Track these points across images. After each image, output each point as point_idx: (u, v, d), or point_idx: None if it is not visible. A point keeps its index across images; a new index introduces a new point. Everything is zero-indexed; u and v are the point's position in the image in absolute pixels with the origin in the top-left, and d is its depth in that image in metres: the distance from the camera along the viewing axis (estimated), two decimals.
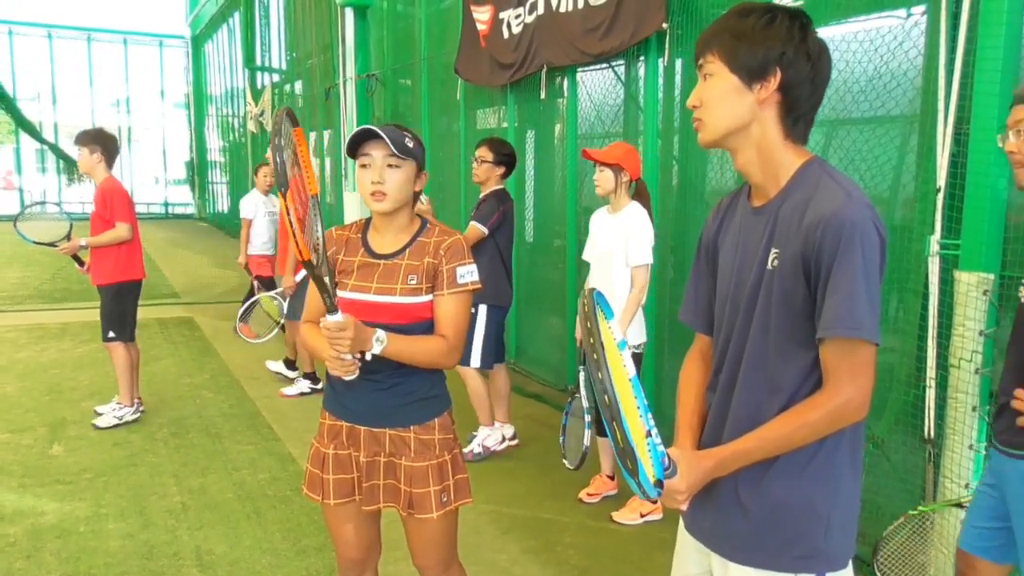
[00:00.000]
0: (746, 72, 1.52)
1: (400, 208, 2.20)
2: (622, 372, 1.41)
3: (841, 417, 1.48)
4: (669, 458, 1.46)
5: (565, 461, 3.97)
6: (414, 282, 2.17)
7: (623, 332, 3.65)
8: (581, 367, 4.08)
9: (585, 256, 4.22)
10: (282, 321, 5.99)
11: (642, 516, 4.00)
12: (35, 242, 5.33)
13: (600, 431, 3.89)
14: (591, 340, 1.35)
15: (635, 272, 3.86)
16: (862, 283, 1.43)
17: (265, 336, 6.07)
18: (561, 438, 4.10)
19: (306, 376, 6.20)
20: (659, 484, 1.40)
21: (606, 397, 1.33)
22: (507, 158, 4.81)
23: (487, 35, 6.72)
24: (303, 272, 5.78)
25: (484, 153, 4.78)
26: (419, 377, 2.24)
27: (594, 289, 1.46)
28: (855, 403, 1.47)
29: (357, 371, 2.08)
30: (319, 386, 6.37)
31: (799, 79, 1.52)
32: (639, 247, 3.84)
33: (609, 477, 4.27)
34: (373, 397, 2.21)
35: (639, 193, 4.02)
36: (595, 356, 1.34)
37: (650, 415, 1.42)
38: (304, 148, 1.90)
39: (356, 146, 2.16)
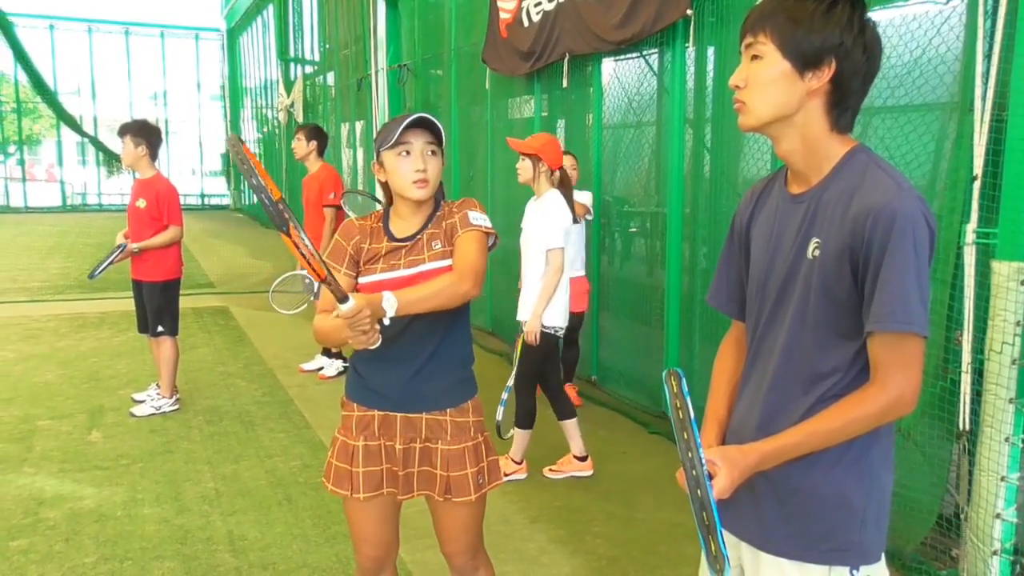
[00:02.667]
0: (800, 59, 1.47)
1: (434, 194, 2.24)
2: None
3: (892, 411, 1.46)
4: (711, 464, 1.46)
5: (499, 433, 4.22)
6: (439, 246, 2.19)
7: (540, 316, 4.06)
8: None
9: (520, 242, 4.37)
10: (313, 299, 6.11)
11: (506, 475, 4.21)
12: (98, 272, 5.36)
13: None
14: (680, 417, 1.36)
15: (549, 255, 4.10)
16: (913, 277, 1.40)
17: (294, 311, 6.31)
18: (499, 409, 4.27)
19: (328, 354, 6.41)
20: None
21: (694, 472, 1.34)
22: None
23: (510, 24, 6.71)
24: None
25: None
26: (452, 358, 2.25)
27: (679, 370, 1.45)
28: (907, 396, 1.44)
29: (379, 337, 2.00)
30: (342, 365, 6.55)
31: (853, 71, 1.47)
32: (552, 232, 4.08)
33: (576, 457, 4.42)
34: (409, 383, 2.21)
35: (562, 182, 4.29)
36: (685, 436, 1.34)
37: (704, 459, 1.42)
38: (254, 158, 1.84)
39: (396, 135, 2.15)
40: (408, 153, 2.15)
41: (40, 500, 4.00)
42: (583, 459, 4.40)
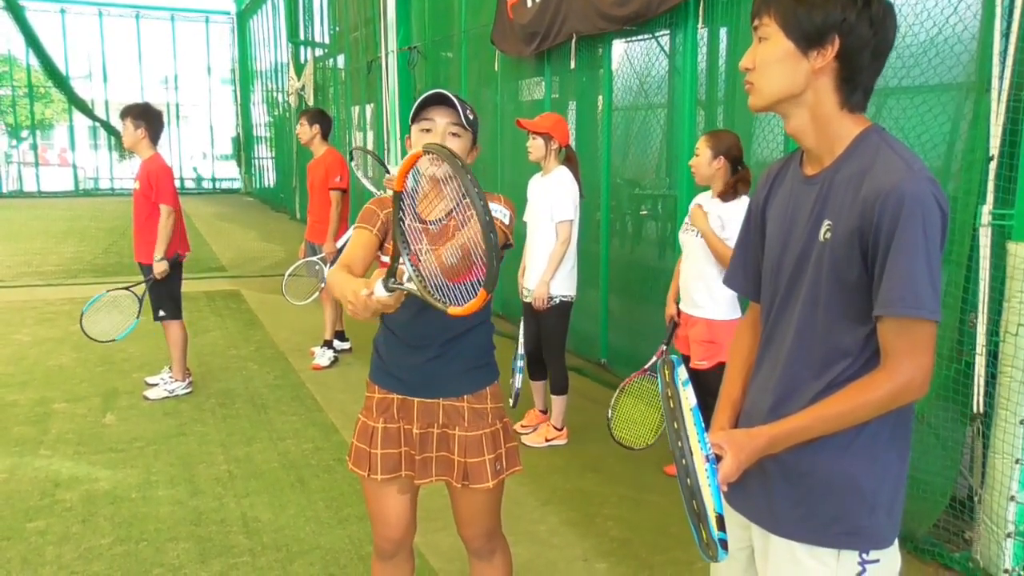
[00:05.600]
0: (803, 38, 1.45)
1: None
2: (695, 435, 1.39)
3: (902, 395, 1.44)
4: (717, 448, 1.46)
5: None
6: None
7: (547, 283, 4.30)
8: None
9: (525, 218, 4.54)
10: (323, 285, 6.12)
11: (547, 440, 4.59)
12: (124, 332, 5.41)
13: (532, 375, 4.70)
14: (671, 406, 1.36)
15: (559, 227, 4.34)
16: (923, 260, 1.38)
17: (305, 300, 6.28)
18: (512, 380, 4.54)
19: (326, 344, 6.38)
20: (722, 525, 1.37)
21: (684, 462, 1.33)
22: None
23: (515, 4, 6.66)
24: (343, 239, 6.03)
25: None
26: (471, 345, 2.23)
27: (674, 359, 1.44)
28: (916, 382, 1.43)
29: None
30: (346, 345, 6.57)
31: (859, 47, 1.44)
32: (563, 205, 4.31)
33: (541, 412, 4.79)
34: (426, 367, 2.20)
35: (568, 159, 4.47)
36: (675, 425, 1.34)
37: (709, 444, 1.41)
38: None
39: (419, 110, 2.14)
40: (430, 130, 2.13)
41: (56, 482, 4.04)
42: (560, 429, 4.66)
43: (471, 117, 2.17)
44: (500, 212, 2.14)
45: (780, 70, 1.48)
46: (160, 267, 5.19)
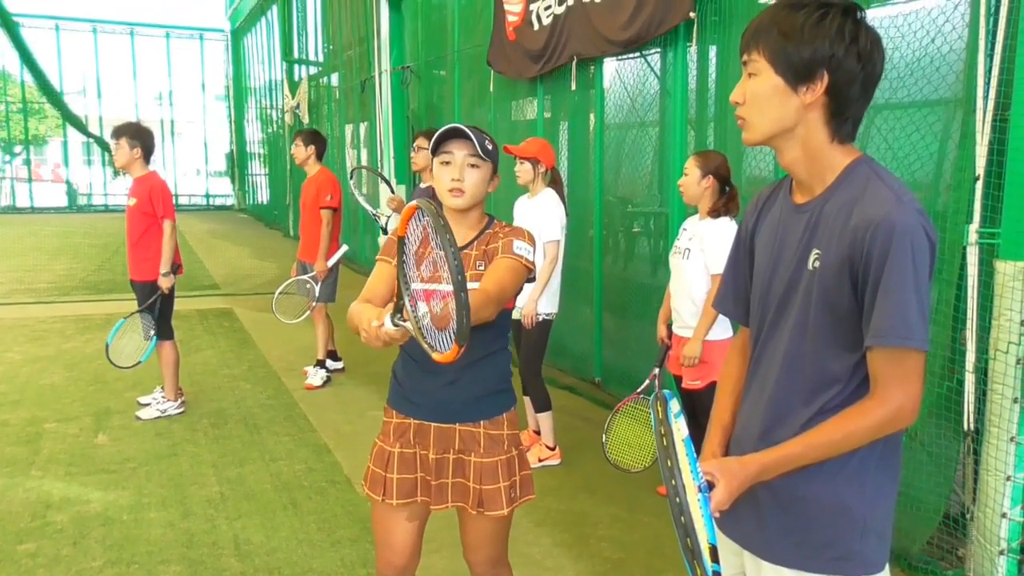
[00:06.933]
0: (791, 73, 1.46)
1: (474, 206, 2.24)
2: (687, 469, 1.39)
3: (892, 423, 1.45)
4: (709, 476, 1.46)
5: None
6: (483, 268, 2.19)
7: (536, 301, 4.35)
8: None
9: None
10: (313, 304, 6.17)
11: (540, 461, 4.55)
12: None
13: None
14: (664, 444, 1.35)
15: (547, 247, 4.43)
16: (912, 291, 1.39)
17: (296, 319, 6.30)
18: None
19: (319, 364, 6.37)
20: (715, 557, 1.37)
21: (678, 499, 1.33)
22: None
23: (518, 27, 6.70)
24: (334, 258, 6.10)
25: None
26: (488, 371, 2.25)
27: (667, 394, 1.45)
28: (906, 410, 1.44)
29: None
30: (339, 365, 6.55)
31: (848, 81, 1.45)
32: (551, 225, 4.42)
33: (535, 432, 4.72)
34: (443, 393, 2.22)
35: (554, 180, 4.60)
36: (669, 463, 1.34)
37: (701, 472, 1.42)
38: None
39: (439, 143, 2.20)
40: (449, 163, 2.19)
41: (47, 503, 4.02)
42: (552, 449, 4.64)
43: (489, 147, 2.22)
44: (524, 249, 2.20)
45: (771, 105, 1.49)
46: (167, 281, 5.22)
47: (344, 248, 6.29)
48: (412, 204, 1.73)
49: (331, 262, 6.13)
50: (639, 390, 4.18)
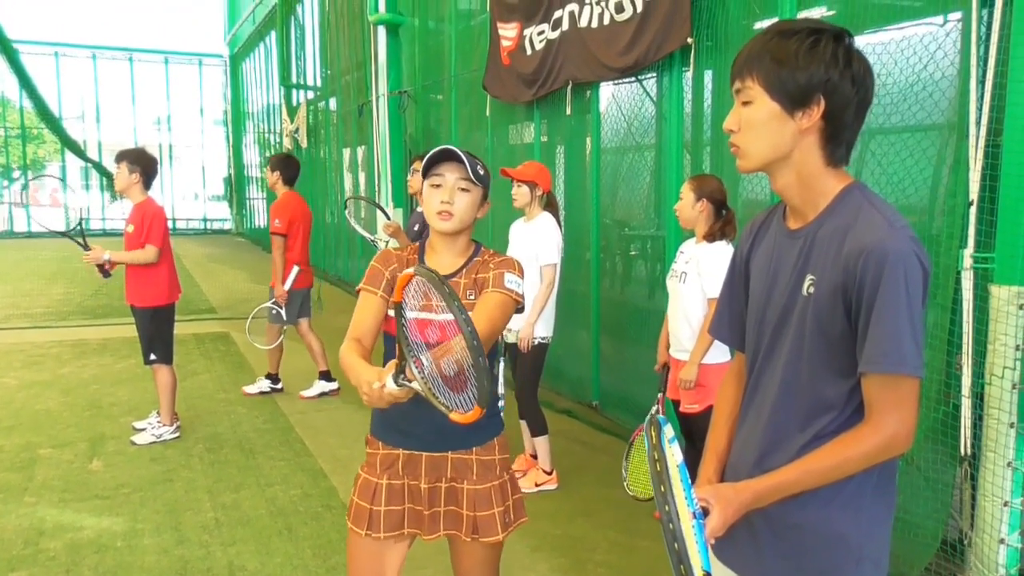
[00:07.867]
0: (787, 99, 1.47)
1: (463, 231, 2.22)
2: (682, 495, 1.39)
3: (886, 451, 1.45)
4: (703, 502, 1.45)
5: None
6: (473, 298, 2.16)
7: (532, 325, 4.34)
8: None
9: None
10: (285, 328, 6.44)
11: (537, 486, 4.53)
12: (53, 231, 5.47)
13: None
14: (658, 470, 1.35)
15: (544, 270, 4.44)
16: (906, 317, 1.40)
17: (270, 345, 6.59)
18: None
19: (323, 376, 6.57)
20: None
21: (671, 526, 1.33)
22: None
23: (512, 51, 6.76)
24: (288, 282, 6.35)
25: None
26: None
27: (660, 419, 1.45)
28: (901, 436, 1.44)
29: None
30: (334, 386, 6.63)
31: (843, 104, 1.46)
32: (548, 249, 4.43)
33: (532, 456, 4.69)
34: (434, 421, 2.14)
35: (550, 204, 4.62)
36: (662, 489, 1.34)
37: (695, 498, 1.41)
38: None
39: (430, 166, 2.18)
40: (440, 186, 2.17)
41: (40, 530, 3.98)
42: (549, 473, 4.61)
43: (481, 172, 2.19)
44: (515, 283, 2.17)
45: (767, 131, 1.50)
46: (99, 255, 5.18)
47: (296, 270, 6.42)
48: (408, 272, 1.69)
49: (287, 286, 6.34)
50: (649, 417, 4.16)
